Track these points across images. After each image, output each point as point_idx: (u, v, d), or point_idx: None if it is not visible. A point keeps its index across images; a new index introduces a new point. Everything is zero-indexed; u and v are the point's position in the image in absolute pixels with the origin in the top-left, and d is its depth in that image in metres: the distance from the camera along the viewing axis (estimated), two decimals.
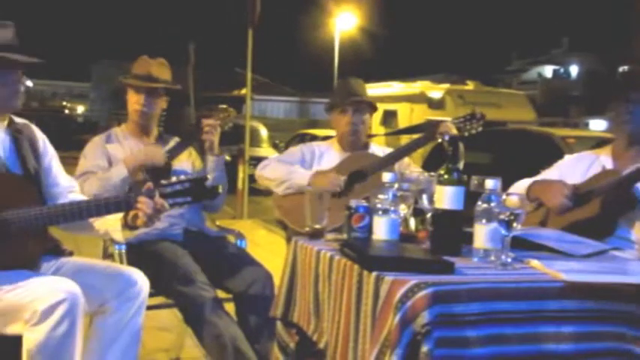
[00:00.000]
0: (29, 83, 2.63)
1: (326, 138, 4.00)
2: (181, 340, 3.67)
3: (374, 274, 1.86)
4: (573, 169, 2.90)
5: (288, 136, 17.68)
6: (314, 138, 14.31)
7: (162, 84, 3.30)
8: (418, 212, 2.44)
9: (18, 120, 2.61)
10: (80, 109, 54.50)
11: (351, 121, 3.49)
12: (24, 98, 2.53)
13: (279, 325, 2.45)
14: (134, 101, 3.29)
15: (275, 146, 16.07)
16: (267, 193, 3.76)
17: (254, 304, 2.96)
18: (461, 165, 2.20)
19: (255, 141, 14.30)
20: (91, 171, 3.13)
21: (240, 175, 9.94)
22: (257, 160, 11.78)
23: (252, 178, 10.08)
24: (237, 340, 2.76)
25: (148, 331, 2.59)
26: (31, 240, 2.38)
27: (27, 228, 2.31)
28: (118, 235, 2.55)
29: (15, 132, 2.55)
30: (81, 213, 2.37)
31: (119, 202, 2.38)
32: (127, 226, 2.48)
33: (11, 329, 2.23)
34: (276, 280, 2.95)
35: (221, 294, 3.00)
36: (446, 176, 2.16)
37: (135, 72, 3.31)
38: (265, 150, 15.24)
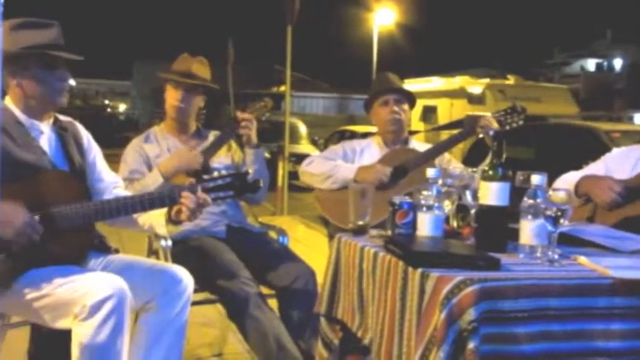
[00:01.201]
0: (72, 82, 2.68)
1: (365, 134, 4.01)
2: (224, 336, 3.71)
3: (419, 270, 1.85)
4: (621, 163, 2.85)
5: (327, 132, 17.69)
6: (353, 134, 14.32)
7: (200, 81, 3.33)
8: (459, 208, 2.42)
9: (63, 118, 2.66)
10: (122, 107, 55.32)
11: (392, 111, 3.49)
12: (68, 96, 2.58)
13: (322, 321, 2.46)
14: (172, 97, 3.32)
15: (314, 143, 16.11)
16: (307, 189, 3.76)
17: (297, 300, 2.97)
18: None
19: (295, 138, 14.33)
20: (128, 178, 3.17)
21: (280, 171, 9.97)
22: (296, 157, 11.89)
23: (291, 175, 10.19)
24: (280, 336, 2.77)
25: (192, 326, 2.61)
26: (79, 236, 2.43)
27: (74, 224, 2.35)
28: (162, 229, 2.59)
29: (60, 129, 2.60)
30: (126, 208, 2.41)
31: (163, 197, 2.41)
32: (171, 220, 2.51)
33: (61, 323, 2.27)
34: (318, 277, 2.97)
35: (264, 290, 3.02)
36: (490, 172, 2.14)
37: (175, 69, 3.36)
38: (304, 146, 15.27)
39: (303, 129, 16.57)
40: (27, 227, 2.20)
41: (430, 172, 2.31)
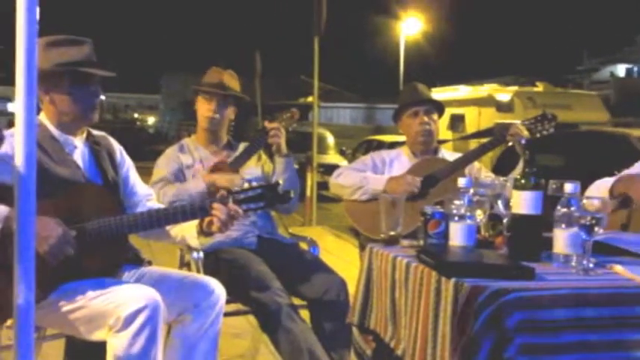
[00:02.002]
0: (102, 96, 2.72)
1: (392, 144, 4.01)
2: (256, 347, 3.71)
3: (452, 280, 1.84)
4: None
5: (354, 142, 17.68)
6: (381, 144, 14.29)
7: (232, 92, 3.36)
8: (491, 217, 2.41)
9: (96, 132, 2.71)
10: (151, 120, 55.89)
11: (423, 122, 3.48)
12: (99, 111, 2.62)
13: (355, 331, 2.46)
14: (205, 109, 3.36)
15: (342, 153, 16.11)
16: (336, 200, 3.77)
17: (329, 310, 2.97)
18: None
19: (323, 148, 14.36)
20: (167, 178, 3.21)
21: (309, 182, 9.98)
22: (324, 167, 11.89)
23: (320, 185, 10.21)
24: (313, 347, 2.77)
25: (223, 337, 2.62)
26: (113, 249, 2.45)
27: (108, 237, 2.38)
28: (194, 241, 2.61)
29: (93, 144, 2.64)
30: (159, 221, 2.43)
31: (195, 209, 2.43)
32: (203, 232, 2.53)
33: (96, 335, 2.30)
34: (349, 287, 2.96)
35: (296, 301, 3.02)
36: (523, 181, 2.13)
37: (206, 81, 3.39)
38: (332, 157, 15.29)
39: (330, 139, 16.59)
40: (62, 242, 2.23)
41: (461, 182, 2.30)
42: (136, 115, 55.63)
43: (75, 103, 2.51)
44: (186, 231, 2.59)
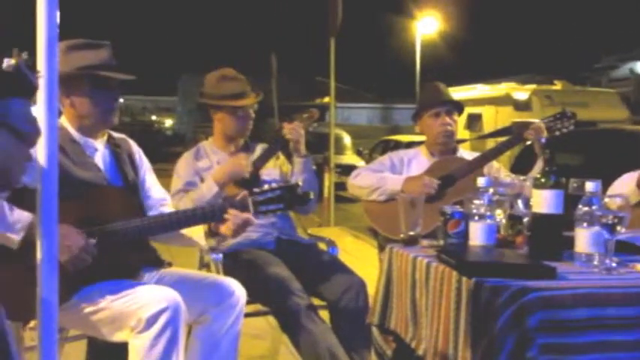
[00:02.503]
0: (120, 99, 2.74)
1: (410, 144, 3.99)
2: (276, 348, 3.71)
3: (473, 280, 1.84)
4: None
5: (371, 142, 17.67)
6: (398, 144, 14.26)
7: (253, 100, 3.33)
8: (510, 217, 2.40)
9: (116, 135, 2.73)
10: (168, 122, 56.12)
11: (445, 123, 3.46)
12: (119, 114, 2.64)
13: (375, 331, 2.46)
14: (230, 122, 3.35)
15: (359, 153, 16.09)
16: (353, 200, 3.78)
17: (348, 311, 2.96)
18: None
19: (339, 148, 14.35)
20: (184, 190, 3.22)
21: (326, 183, 9.98)
22: (342, 168, 11.88)
23: (337, 186, 10.20)
24: (333, 347, 2.77)
25: (243, 338, 2.63)
26: (134, 251, 2.47)
27: (129, 239, 2.40)
28: (202, 241, 2.65)
29: (114, 146, 2.66)
30: (179, 222, 2.45)
31: (213, 211, 2.45)
32: (210, 232, 2.55)
33: (118, 336, 2.32)
34: (368, 288, 2.96)
35: (315, 301, 3.02)
36: (543, 180, 2.12)
37: (219, 93, 3.31)
38: (349, 157, 15.27)
39: (347, 140, 16.57)
40: (83, 252, 2.25)
41: (481, 181, 2.30)
42: (153, 118, 55.90)
43: (95, 106, 2.53)
44: (195, 232, 2.61)
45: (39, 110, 1.85)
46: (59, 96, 2.52)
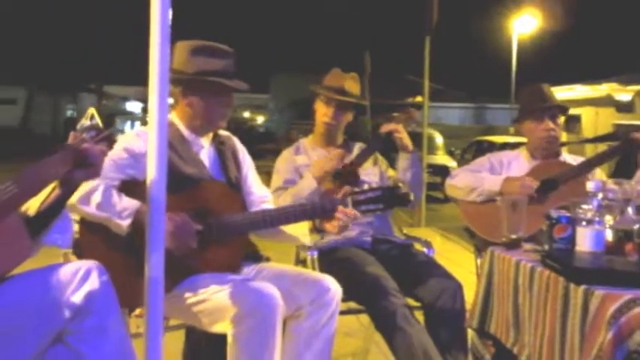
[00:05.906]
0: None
1: (504, 145, 3.88)
2: (367, 347, 3.71)
3: (582, 287, 1.78)
4: None
5: (463, 143, 17.41)
6: (492, 145, 13.99)
7: (353, 98, 3.35)
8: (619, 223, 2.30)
9: (222, 132, 2.80)
10: (260, 119, 56.97)
11: (548, 128, 3.35)
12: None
13: (474, 335, 2.42)
14: (323, 113, 3.36)
15: (451, 153, 15.88)
16: (444, 201, 3.73)
17: (444, 313, 2.91)
18: None
19: (431, 148, 14.21)
20: (283, 187, 3.26)
21: None
22: (433, 168, 11.74)
23: (429, 186, 10.09)
24: (428, 349, 2.73)
25: (335, 335, 2.64)
26: (235, 244, 2.53)
27: (232, 233, 2.45)
28: (306, 239, 2.65)
29: (219, 144, 2.74)
30: (280, 218, 2.49)
31: (316, 208, 2.47)
32: (316, 229, 2.56)
33: (217, 327, 2.37)
34: (465, 290, 2.91)
35: (410, 302, 2.99)
36: None
37: (327, 84, 3.38)
38: (441, 157, 15.10)
39: (439, 140, 16.38)
40: (187, 236, 2.33)
41: (590, 185, 2.21)
42: (246, 115, 56.85)
43: (209, 110, 2.62)
44: (299, 229, 2.63)
45: (150, 108, 1.92)
46: (176, 94, 2.62)
